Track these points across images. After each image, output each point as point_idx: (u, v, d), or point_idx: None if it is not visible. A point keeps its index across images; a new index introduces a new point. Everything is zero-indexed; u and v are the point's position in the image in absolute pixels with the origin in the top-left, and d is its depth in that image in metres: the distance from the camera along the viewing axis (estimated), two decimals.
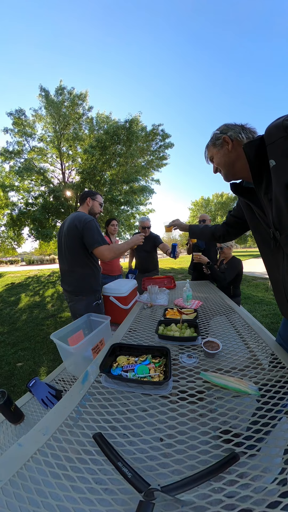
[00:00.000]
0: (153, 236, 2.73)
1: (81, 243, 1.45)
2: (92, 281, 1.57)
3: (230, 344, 0.92)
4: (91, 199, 1.62)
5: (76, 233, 1.43)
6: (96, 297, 1.60)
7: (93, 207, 1.63)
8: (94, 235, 1.41)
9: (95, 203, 1.63)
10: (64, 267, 1.58)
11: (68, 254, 1.50)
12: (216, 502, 0.37)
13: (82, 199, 1.64)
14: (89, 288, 1.56)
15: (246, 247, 45.06)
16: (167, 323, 1.10)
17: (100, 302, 1.65)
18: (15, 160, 7.21)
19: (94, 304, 1.58)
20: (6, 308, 4.68)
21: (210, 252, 2.51)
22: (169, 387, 0.66)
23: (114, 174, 7.55)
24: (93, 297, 1.58)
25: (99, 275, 1.63)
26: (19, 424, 0.89)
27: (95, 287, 1.59)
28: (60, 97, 7.25)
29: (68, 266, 1.54)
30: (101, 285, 1.68)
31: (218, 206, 19.27)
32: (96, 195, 1.65)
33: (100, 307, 1.64)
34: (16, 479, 0.42)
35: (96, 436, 0.49)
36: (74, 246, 1.46)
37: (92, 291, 1.57)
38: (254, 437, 0.49)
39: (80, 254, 1.48)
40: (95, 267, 1.58)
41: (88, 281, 1.55)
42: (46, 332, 3.18)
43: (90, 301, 1.57)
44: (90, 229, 1.42)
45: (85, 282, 1.54)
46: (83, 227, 1.42)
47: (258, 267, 9.66)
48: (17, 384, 1.99)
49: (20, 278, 8.69)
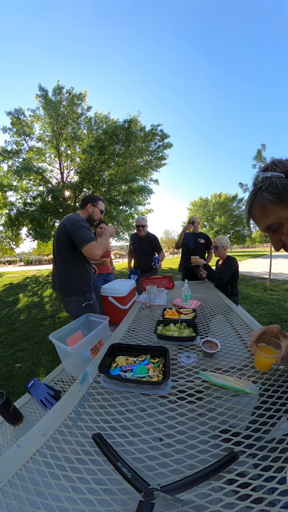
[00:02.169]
0: (152, 238, 2.74)
1: (68, 243, 1.43)
2: (79, 282, 1.53)
3: (229, 344, 0.92)
4: (92, 205, 1.57)
5: (64, 232, 1.42)
6: (85, 298, 1.57)
7: (92, 214, 1.59)
8: (83, 234, 1.38)
9: (95, 210, 1.59)
10: (53, 268, 1.60)
11: (56, 254, 1.52)
12: (216, 501, 0.37)
13: (83, 203, 1.60)
14: (77, 289, 1.53)
15: (244, 247, 45.24)
16: (166, 323, 1.10)
17: (92, 303, 1.61)
18: (14, 160, 7.17)
19: (85, 305, 1.56)
20: (5, 308, 4.65)
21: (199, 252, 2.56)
22: (168, 387, 0.66)
23: (112, 174, 7.53)
24: (82, 298, 1.55)
25: (88, 276, 1.59)
26: (18, 425, 0.88)
27: (83, 288, 1.55)
28: (58, 96, 7.23)
29: (56, 267, 1.55)
30: (92, 286, 1.64)
31: (217, 206, 19.31)
32: (98, 202, 1.60)
33: (92, 307, 1.61)
34: (15, 480, 0.42)
35: (95, 437, 0.49)
36: (61, 246, 1.47)
37: (80, 292, 1.54)
38: (253, 436, 0.49)
39: (67, 254, 1.47)
40: (83, 268, 1.55)
41: (75, 282, 1.52)
42: (45, 333, 3.17)
43: (80, 302, 1.55)
44: (79, 228, 1.40)
45: (72, 283, 1.52)
46: (72, 227, 1.40)
47: (256, 267, 9.71)
48: (16, 385, 1.98)
49: (19, 278, 8.66)
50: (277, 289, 5.07)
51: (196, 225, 2.74)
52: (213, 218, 19.13)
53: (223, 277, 1.89)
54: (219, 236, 2.10)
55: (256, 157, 5.16)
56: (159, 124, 8.06)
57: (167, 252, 41.43)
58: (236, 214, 18.49)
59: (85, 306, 1.56)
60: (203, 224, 19.91)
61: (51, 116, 7.12)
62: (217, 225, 18.43)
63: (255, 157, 5.18)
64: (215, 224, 18.54)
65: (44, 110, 7.14)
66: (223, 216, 18.70)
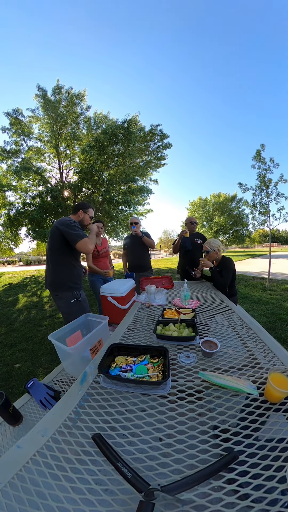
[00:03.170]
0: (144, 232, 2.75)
1: (60, 243, 1.56)
2: (66, 277, 1.62)
3: (228, 344, 0.92)
4: (83, 212, 1.73)
5: (57, 233, 1.56)
6: (74, 295, 1.64)
7: (83, 220, 1.73)
8: (76, 232, 1.53)
9: (85, 216, 1.73)
10: (46, 266, 1.71)
11: (49, 253, 1.64)
12: (216, 500, 0.38)
13: (74, 210, 1.76)
14: (64, 285, 1.62)
15: (243, 247, 45.33)
16: (165, 323, 1.10)
17: (81, 300, 1.68)
18: (13, 160, 7.15)
19: (74, 302, 1.63)
20: (4, 308, 4.64)
21: (195, 253, 2.56)
22: (167, 387, 0.66)
23: (112, 174, 7.52)
24: (70, 295, 1.62)
25: (76, 274, 1.68)
26: (18, 426, 0.88)
27: (70, 284, 1.63)
28: (57, 96, 7.21)
29: (47, 265, 1.67)
30: (80, 284, 1.72)
31: (216, 206, 19.32)
32: (88, 209, 1.75)
33: (82, 304, 1.68)
34: (15, 481, 0.42)
35: (95, 437, 0.49)
36: (53, 245, 1.59)
37: (67, 288, 1.62)
38: (253, 435, 0.49)
39: (58, 253, 1.59)
40: (72, 266, 1.65)
41: (63, 277, 1.61)
42: (44, 333, 3.17)
43: (68, 299, 1.62)
44: (72, 228, 1.54)
45: (60, 279, 1.61)
46: (65, 228, 1.54)
47: (255, 267, 9.73)
48: (15, 385, 1.97)
49: (18, 278, 8.64)
50: (276, 288, 5.08)
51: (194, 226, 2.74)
52: (212, 218, 19.14)
53: (226, 281, 1.87)
54: (209, 240, 2.05)
55: (255, 157, 5.17)
56: (158, 124, 8.05)
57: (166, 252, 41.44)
58: (235, 214, 18.51)
59: (74, 303, 1.64)
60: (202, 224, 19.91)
61: (50, 116, 7.10)
62: (216, 225, 18.45)
63: (254, 157, 5.18)
64: (214, 224, 18.56)
65: (43, 110, 7.12)
66: (222, 216, 18.72)
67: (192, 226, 2.74)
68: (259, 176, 5.16)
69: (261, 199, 5.29)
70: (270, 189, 5.06)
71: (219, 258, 2.01)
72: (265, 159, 5.07)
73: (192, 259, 2.56)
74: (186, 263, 2.60)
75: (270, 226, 5.36)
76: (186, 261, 2.65)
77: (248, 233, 18.47)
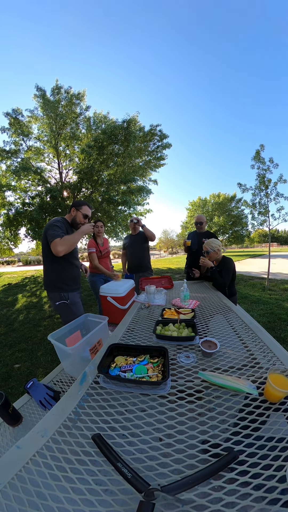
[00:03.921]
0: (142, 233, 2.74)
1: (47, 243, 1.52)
2: (55, 278, 1.57)
3: (228, 344, 0.92)
4: (75, 209, 1.65)
5: (44, 233, 1.53)
6: (61, 296, 1.58)
7: (75, 218, 1.65)
8: (52, 232, 1.45)
9: (78, 214, 1.65)
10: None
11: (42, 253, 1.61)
12: (216, 500, 0.38)
13: (70, 208, 1.70)
14: (52, 286, 1.59)
15: (242, 247, 45.39)
16: (165, 323, 1.10)
17: (69, 303, 1.60)
18: (12, 160, 7.14)
19: (59, 304, 1.57)
20: (3, 309, 4.63)
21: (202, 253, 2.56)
22: (167, 387, 0.66)
23: (111, 174, 7.51)
24: (57, 296, 1.58)
25: (66, 275, 1.60)
26: (17, 426, 0.88)
27: (58, 285, 1.58)
28: (56, 96, 7.20)
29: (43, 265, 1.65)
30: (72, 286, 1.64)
31: (215, 207, 19.32)
32: (82, 206, 1.66)
33: (70, 308, 1.59)
34: (15, 481, 0.42)
35: (95, 437, 0.49)
36: (43, 245, 1.57)
37: (55, 288, 1.58)
38: (253, 435, 0.49)
39: (46, 251, 1.55)
40: (60, 266, 1.58)
41: (52, 278, 1.58)
42: (44, 333, 3.16)
43: (55, 299, 1.58)
44: (50, 227, 1.48)
45: (49, 279, 1.59)
46: (47, 227, 1.50)
47: (255, 266, 9.74)
48: (15, 386, 1.97)
49: (17, 278, 8.62)
50: (276, 288, 5.09)
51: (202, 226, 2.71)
52: (212, 218, 19.14)
53: (225, 281, 1.87)
54: (208, 240, 2.05)
55: (254, 158, 5.18)
56: (158, 124, 8.05)
57: (166, 252, 41.44)
58: (235, 214, 18.53)
59: (60, 305, 1.58)
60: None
61: (49, 116, 7.09)
62: (216, 225, 18.45)
63: (253, 158, 5.19)
64: (213, 224, 18.56)
65: (43, 110, 7.11)
66: (221, 216, 18.72)
67: (199, 226, 2.71)
68: (259, 176, 5.17)
69: (261, 199, 5.30)
70: (270, 189, 5.07)
71: (219, 258, 2.01)
72: (264, 159, 5.08)
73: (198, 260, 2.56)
74: (192, 262, 2.59)
75: (269, 226, 5.37)
76: (191, 260, 2.65)
77: (247, 233, 18.48)
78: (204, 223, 2.72)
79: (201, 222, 2.70)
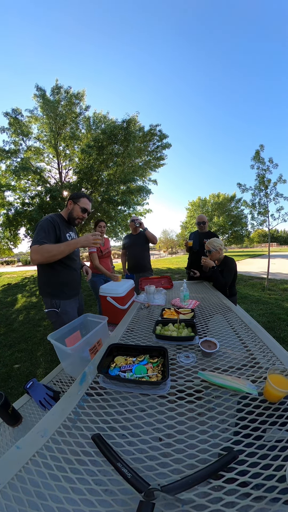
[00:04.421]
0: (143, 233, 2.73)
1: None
2: (47, 280, 1.39)
3: (228, 344, 0.92)
4: (72, 202, 1.44)
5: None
6: (52, 303, 1.41)
7: (72, 211, 1.44)
8: (35, 235, 1.29)
9: (75, 207, 1.44)
10: None
11: None
12: (216, 500, 0.38)
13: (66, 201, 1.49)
14: (43, 289, 1.43)
15: (242, 247, 45.43)
16: (165, 323, 1.10)
17: (59, 312, 1.42)
18: (12, 160, 7.13)
19: (49, 311, 1.42)
20: (3, 309, 4.63)
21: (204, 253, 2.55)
22: (167, 387, 0.66)
23: (111, 174, 7.51)
24: (48, 301, 1.42)
25: (58, 280, 1.41)
26: (17, 427, 0.88)
27: (49, 290, 1.41)
28: (56, 96, 7.20)
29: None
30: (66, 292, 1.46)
31: (215, 207, 19.33)
32: (80, 199, 1.45)
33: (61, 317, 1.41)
34: (15, 482, 0.42)
35: (95, 437, 0.49)
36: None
37: (46, 293, 1.42)
38: (253, 435, 0.49)
39: None
40: (53, 270, 1.38)
41: (44, 280, 1.41)
42: (43, 333, 3.16)
43: (46, 305, 1.43)
44: (38, 228, 1.32)
45: (41, 282, 1.44)
46: (37, 226, 1.34)
47: (254, 266, 9.75)
48: (15, 386, 1.97)
49: (17, 278, 8.62)
50: (275, 288, 5.10)
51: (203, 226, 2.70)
52: (212, 218, 19.14)
53: (226, 282, 1.87)
54: (210, 239, 2.04)
55: (254, 158, 5.18)
56: (157, 124, 8.05)
57: (166, 252, 41.43)
58: (234, 214, 18.55)
59: (50, 313, 1.42)
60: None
61: (49, 116, 7.09)
62: (216, 225, 18.46)
63: (253, 158, 5.20)
64: (213, 224, 18.57)
65: (42, 110, 7.11)
66: (221, 216, 18.73)
67: (201, 226, 2.71)
68: (258, 176, 5.17)
69: (260, 199, 5.31)
70: (269, 189, 5.08)
71: (221, 258, 2.00)
72: (264, 159, 5.08)
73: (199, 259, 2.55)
74: (193, 263, 2.59)
75: (269, 226, 5.38)
76: (193, 261, 2.64)
77: (247, 233, 18.50)
78: (206, 223, 2.72)
79: (204, 222, 2.70)
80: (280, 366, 0.72)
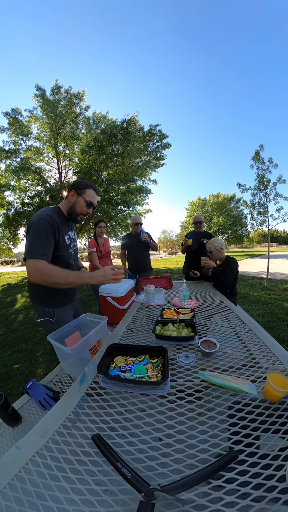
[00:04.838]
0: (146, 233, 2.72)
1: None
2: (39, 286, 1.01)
3: (227, 343, 0.92)
4: (75, 193, 1.16)
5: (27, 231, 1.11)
6: (45, 312, 1.24)
7: (74, 205, 1.17)
8: (31, 242, 1.01)
9: (79, 200, 1.16)
10: None
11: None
12: (216, 500, 0.38)
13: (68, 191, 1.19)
14: (35, 295, 1.27)
15: (242, 247, 45.45)
16: (164, 323, 1.10)
17: (54, 322, 1.25)
18: (11, 160, 7.13)
19: (43, 321, 1.27)
20: (2, 309, 4.62)
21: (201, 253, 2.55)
22: (167, 387, 0.66)
23: (111, 174, 7.51)
24: (41, 310, 1.26)
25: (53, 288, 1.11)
26: (17, 427, 0.88)
27: (41, 297, 1.24)
28: (56, 96, 7.21)
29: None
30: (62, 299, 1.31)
31: (215, 207, 19.36)
32: (86, 190, 1.17)
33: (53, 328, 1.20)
34: (15, 482, 0.42)
35: (95, 437, 0.49)
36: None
37: (39, 301, 1.26)
38: (253, 435, 0.49)
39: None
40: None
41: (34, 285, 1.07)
42: (43, 333, 3.15)
43: (39, 314, 1.27)
44: (30, 231, 1.05)
45: (32, 287, 1.24)
46: (28, 228, 1.07)
47: (254, 266, 9.76)
48: (14, 386, 1.97)
49: (16, 278, 8.61)
50: (275, 288, 5.10)
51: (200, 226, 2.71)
52: (211, 218, 19.16)
53: (228, 281, 1.86)
54: (212, 239, 2.04)
55: (254, 158, 5.19)
56: (157, 124, 8.05)
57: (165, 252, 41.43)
58: (234, 214, 18.57)
59: (44, 322, 1.27)
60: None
61: (49, 115, 7.09)
62: (215, 225, 18.48)
63: (253, 158, 5.20)
64: (213, 224, 18.58)
65: (42, 109, 7.11)
66: (221, 216, 18.76)
67: (198, 226, 2.72)
68: (258, 176, 5.18)
69: (260, 200, 5.31)
70: (269, 190, 5.08)
71: (223, 257, 2.00)
72: (263, 159, 5.09)
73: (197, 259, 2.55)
74: (191, 263, 2.58)
75: (268, 226, 5.38)
76: (191, 261, 2.64)
77: (246, 233, 18.53)
78: (202, 223, 2.73)
79: (200, 221, 2.71)
80: (280, 366, 0.72)
